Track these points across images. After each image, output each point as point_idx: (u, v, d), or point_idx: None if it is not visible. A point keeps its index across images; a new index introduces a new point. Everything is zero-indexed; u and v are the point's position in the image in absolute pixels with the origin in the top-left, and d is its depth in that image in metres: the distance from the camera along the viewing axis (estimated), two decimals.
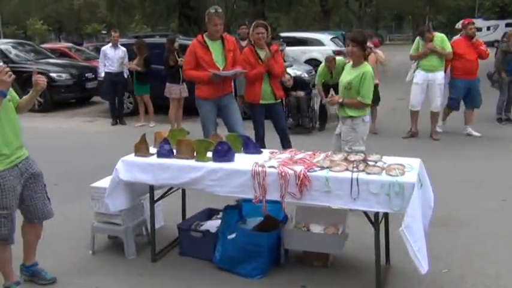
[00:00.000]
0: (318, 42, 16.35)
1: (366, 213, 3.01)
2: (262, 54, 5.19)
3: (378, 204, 2.87)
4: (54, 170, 6.04)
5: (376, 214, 2.98)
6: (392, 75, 12.95)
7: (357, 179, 2.88)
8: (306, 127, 8.21)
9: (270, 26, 5.51)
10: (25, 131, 3.21)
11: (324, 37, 16.81)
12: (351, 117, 4.25)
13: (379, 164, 3.09)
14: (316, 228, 3.58)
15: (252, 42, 5.32)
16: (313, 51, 15.75)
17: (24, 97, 3.19)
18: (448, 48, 7.07)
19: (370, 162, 3.12)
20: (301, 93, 8.29)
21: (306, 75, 11.05)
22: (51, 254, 3.73)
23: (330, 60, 7.75)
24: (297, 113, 8.26)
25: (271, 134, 5.60)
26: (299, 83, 8.37)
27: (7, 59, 11.15)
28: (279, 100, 5.50)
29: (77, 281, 3.35)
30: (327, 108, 8.21)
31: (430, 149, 6.72)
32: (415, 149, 6.45)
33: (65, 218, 4.47)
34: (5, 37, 37.34)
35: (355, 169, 2.99)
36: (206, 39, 4.92)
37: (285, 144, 5.29)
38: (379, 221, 3.03)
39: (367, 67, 4.20)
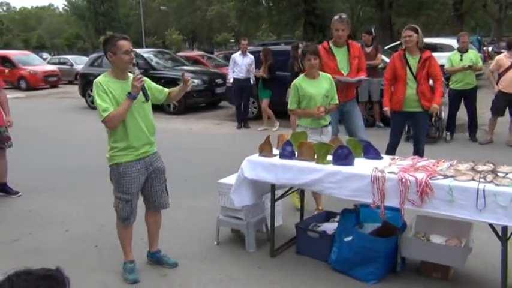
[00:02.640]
0: (449, 48, 15.37)
1: (492, 227, 2.86)
2: (412, 59, 5.02)
3: (506, 217, 2.71)
4: (184, 167, 6.62)
5: (504, 228, 2.81)
6: None
7: (484, 189, 2.75)
8: (431, 136, 7.84)
9: (397, 32, 5.36)
10: (161, 131, 3.60)
11: (456, 42, 15.80)
12: (330, 123, 4.49)
13: (510, 175, 2.91)
14: (437, 239, 3.47)
15: (404, 46, 5.18)
16: (443, 58, 14.88)
17: (174, 88, 3.60)
18: None
19: (500, 174, 2.95)
20: None
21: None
22: (180, 242, 4.14)
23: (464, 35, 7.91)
24: None
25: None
26: None
27: (149, 66, 12.40)
28: (426, 110, 5.09)
29: (202, 268, 3.67)
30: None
31: None
32: None
33: (193, 210, 4.90)
34: (147, 46, 41.42)
35: (482, 179, 2.86)
36: (331, 45, 5.01)
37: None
38: (508, 237, 2.85)
39: (328, 74, 4.50)
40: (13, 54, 21.96)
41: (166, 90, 3.59)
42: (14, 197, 5.49)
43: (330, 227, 3.83)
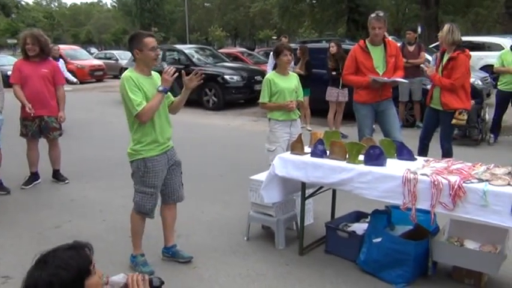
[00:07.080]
0: (498, 47, 14.83)
1: None
2: (445, 57, 4.97)
3: None
4: (221, 162, 6.71)
5: None
6: None
7: None
8: (473, 139, 7.61)
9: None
10: (199, 126, 3.67)
11: (506, 41, 15.17)
12: (299, 116, 4.80)
13: None
14: (471, 245, 3.38)
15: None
16: (491, 57, 14.36)
17: (177, 98, 3.58)
18: None
19: None
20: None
21: (480, 82, 10.19)
22: (212, 235, 4.21)
23: None
24: (465, 123, 7.68)
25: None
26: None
27: (190, 62, 12.59)
28: (447, 111, 4.94)
29: (231, 262, 3.72)
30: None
31: None
32: None
33: (226, 205, 4.97)
34: (190, 42, 42.05)
35: None
36: (368, 44, 4.95)
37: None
38: None
39: (295, 73, 4.89)
40: (63, 48, 22.72)
41: (172, 98, 3.56)
42: (61, 184, 5.78)
43: (360, 227, 3.80)
